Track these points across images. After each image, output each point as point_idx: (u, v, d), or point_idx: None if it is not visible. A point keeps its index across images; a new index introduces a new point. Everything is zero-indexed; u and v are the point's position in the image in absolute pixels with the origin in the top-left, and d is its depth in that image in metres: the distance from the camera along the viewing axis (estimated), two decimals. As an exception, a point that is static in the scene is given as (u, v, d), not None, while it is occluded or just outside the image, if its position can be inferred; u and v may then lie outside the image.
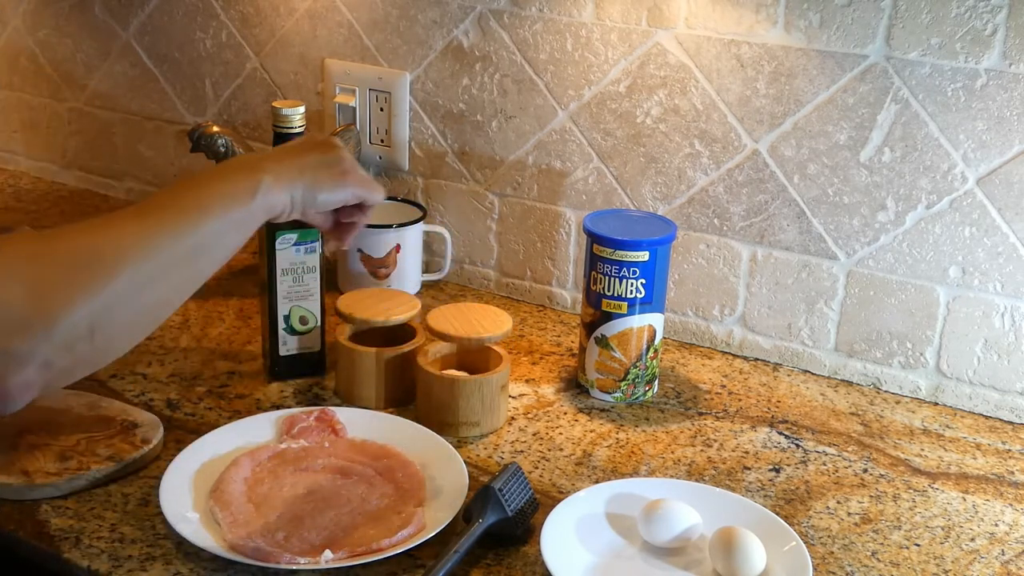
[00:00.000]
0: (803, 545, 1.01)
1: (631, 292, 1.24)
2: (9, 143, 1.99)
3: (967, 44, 1.20)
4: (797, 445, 1.23)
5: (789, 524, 1.05)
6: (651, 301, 1.25)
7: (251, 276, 1.49)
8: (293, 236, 1.24)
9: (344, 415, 1.19)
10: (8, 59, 1.92)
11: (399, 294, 1.32)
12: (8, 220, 1.76)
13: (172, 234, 0.74)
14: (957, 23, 1.20)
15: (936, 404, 1.33)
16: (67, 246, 0.69)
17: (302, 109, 1.23)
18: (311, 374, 1.30)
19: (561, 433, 1.23)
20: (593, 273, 1.26)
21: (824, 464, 1.20)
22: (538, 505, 1.06)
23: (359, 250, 1.45)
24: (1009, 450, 1.24)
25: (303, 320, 1.28)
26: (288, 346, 1.28)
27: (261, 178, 0.82)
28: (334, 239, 1.01)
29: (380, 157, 1.60)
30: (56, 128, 1.92)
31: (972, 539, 1.09)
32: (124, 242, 0.71)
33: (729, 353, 1.44)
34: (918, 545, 1.07)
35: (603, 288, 1.25)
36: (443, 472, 1.10)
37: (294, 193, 0.86)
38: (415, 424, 1.18)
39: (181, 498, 1.05)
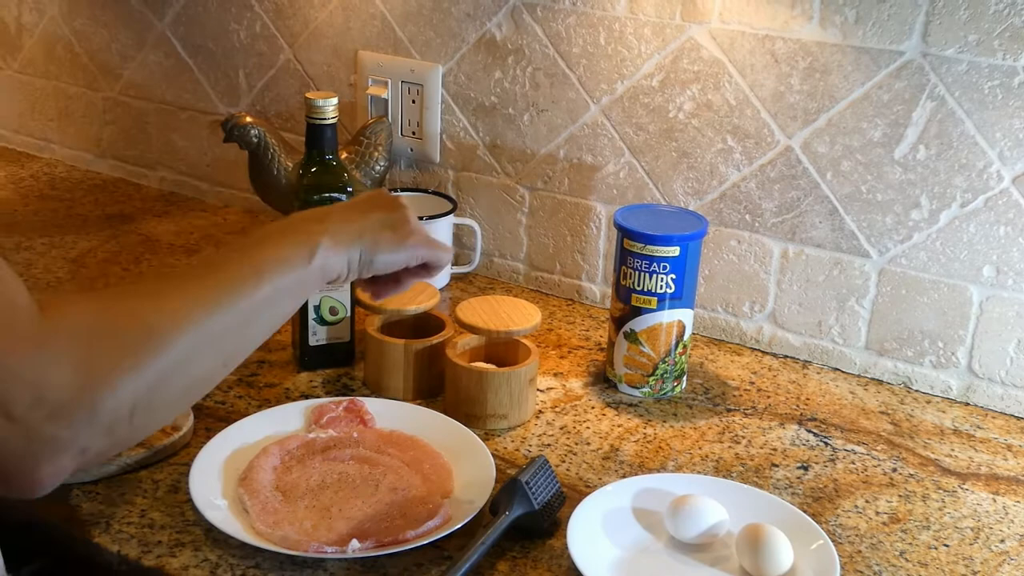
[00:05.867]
0: (831, 543, 1.00)
1: (661, 287, 1.24)
2: (45, 132, 2.01)
3: (1005, 41, 1.19)
4: (826, 443, 1.22)
5: (817, 522, 1.05)
6: (681, 296, 1.25)
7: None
8: (324, 227, 1.25)
9: (373, 406, 1.20)
10: (45, 48, 1.94)
11: (421, 286, 1.31)
12: (44, 208, 1.78)
13: (225, 304, 0.71)
14: (995, 20, 1.19)
15: (967, 404, 1.32)
16: (119, 320, 0.66)
17: (335, 100, 1.23)
18: (340, 364, 1.31)
19: (589, 427, 1.23)
20: (623, 268, 1.26)
21: (853, 463, 1.19)
22: (565, 499, 1.06)
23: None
24: (1041, 452, 1.23)
25: (333, 311, 1.28)
26: (318, 336, 1.29)
27: (319, 240, 0.80)
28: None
29: (411, 149, 1.61)
30: (91, 117, 1.94)
31: (1002, 540, 1.08)
32: (177, 314, 0.68)
33: (758, 350, 1.43)
34: (947, 546, 1.07)
35: (633, 283, 1.25)
36: (470, 464, 1.11)
37: (351, 256, 0.83)
38: (443, 416, 1.19)
39: (210, 485, 1.06)
